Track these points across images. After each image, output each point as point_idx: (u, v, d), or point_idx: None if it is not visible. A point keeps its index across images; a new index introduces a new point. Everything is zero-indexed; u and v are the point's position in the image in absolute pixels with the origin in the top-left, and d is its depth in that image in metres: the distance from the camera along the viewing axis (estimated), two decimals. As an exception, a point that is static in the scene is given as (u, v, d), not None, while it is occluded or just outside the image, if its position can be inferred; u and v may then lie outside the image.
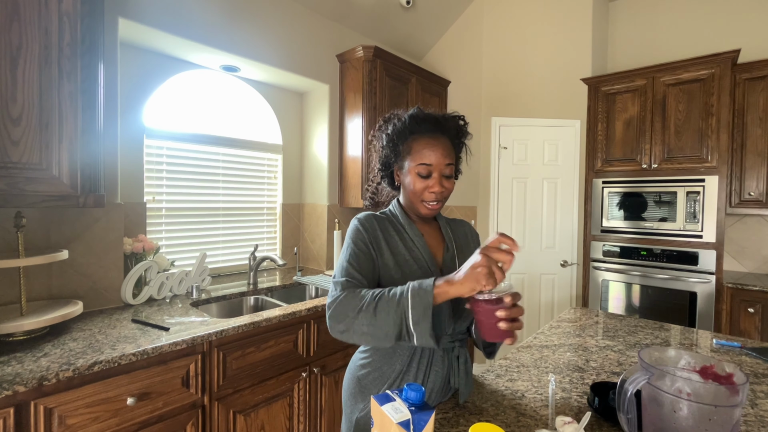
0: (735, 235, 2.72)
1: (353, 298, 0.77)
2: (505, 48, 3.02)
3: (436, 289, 0.71)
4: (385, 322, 0.73)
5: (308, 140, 2.79)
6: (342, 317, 0.77)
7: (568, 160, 2.90)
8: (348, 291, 0.79)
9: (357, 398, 0.93)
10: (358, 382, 0.93)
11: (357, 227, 0.91)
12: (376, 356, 0.91)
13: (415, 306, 0.71)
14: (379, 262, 0.88)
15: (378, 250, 0.89)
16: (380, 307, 0.73)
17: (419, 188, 0.90)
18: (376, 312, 0.73)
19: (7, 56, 1.17)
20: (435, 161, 0.88)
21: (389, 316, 0.72)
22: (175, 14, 1.89)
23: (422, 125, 0.92)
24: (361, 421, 0.91)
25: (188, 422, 1.36)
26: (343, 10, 2.63)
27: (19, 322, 1.24)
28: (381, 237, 0.90)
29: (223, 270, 2.39)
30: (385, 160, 0.98)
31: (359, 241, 0.88)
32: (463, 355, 0.92)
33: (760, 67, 2.38)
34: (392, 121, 0.96)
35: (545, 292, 2.96)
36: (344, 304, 0.78)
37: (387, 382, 0.89)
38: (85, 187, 1.34)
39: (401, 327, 0.73)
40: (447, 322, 0.88)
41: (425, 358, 0.89)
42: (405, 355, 0.88)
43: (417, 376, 0.88)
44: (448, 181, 0.91)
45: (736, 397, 0.62)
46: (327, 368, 1.84)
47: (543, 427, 0.81)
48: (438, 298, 0.71)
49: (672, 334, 1.43)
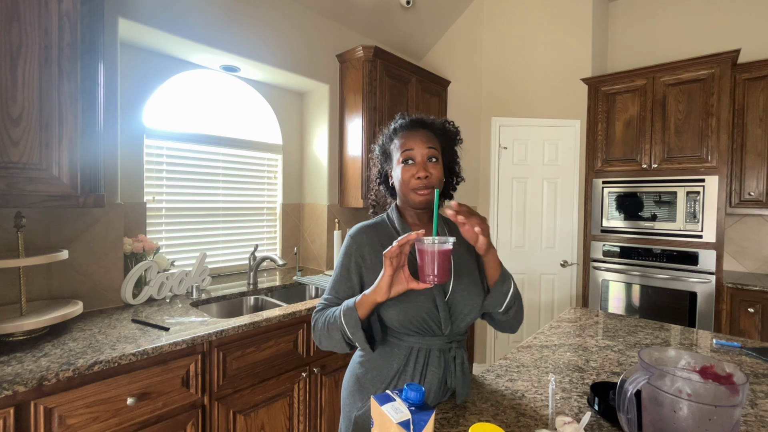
0: (735, 235, 2.72)
1: (319, 319, 0.95)
2: (505, 48, 3.02)
3: (358, 305, 0.85)
4: (335, 338, 0.89)
5: (308, 140, 2.79)
6: (315, 334, 0.96)
7: (568, 160, 2.90)
8: (319, 313, 0.96)
9: (356, 396, 0.95)
10: (357, 380, 0.96)
11: (344, 249, 1.00)
12: (374, 355, 0.94)
13: (347, 322, 0.86)
14: (366, 278, 0.96)
15: (366, 267, 0.96)
16: (330, 327, 0.90)
17: (406, 177, 0.94)
18: (329, 331, 0.90)
19: (7, 56, 1.17)
20: (416, 146, 0.94)
21: (336, 333, 0.89)
22: (175, 14, 1.89)
23: (404, 125, 1.00)
24: (360, 419, 0.93)
25: (188, 422, 1.36)
26: (343, 10, 2.63)
27: (19, 322, 1.24)
28: (370, 251, 0.96)
29: (223, 270, 2.39)
30: (380, 168, 1.07)
31: (343, 267, 0.98)
32: (459, 356, 0.93)
33: (760, 67, 2.38)
34: (383, 132, 1.06)
35: (545, 292, 2.96)
36: (315, 326, 0.96)
37: (385, 381, 0.92)
38: (85, 187, 1.34)
39: (345, 338, 0.88)
40: (444, 324, 0.90)
41: (422, 358, 0.91)
42: (402, 355, 0.91)
43: (414, 375, 0.90)
44: (433, 166, 0.94)
45: (736, 397, 0.62)
46: (327, 368, 1.84)
47: (543, 427, 0.81)
48: (361, 309, 0.84)
49: (672, 334, 1.43)
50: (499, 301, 0.90)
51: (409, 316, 0.88)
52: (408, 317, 0.88)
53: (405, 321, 0.88)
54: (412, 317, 0.88)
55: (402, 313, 0.88)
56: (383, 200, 1.12)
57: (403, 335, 0.91)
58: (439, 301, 0.90)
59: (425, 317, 0.89)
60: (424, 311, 0.88)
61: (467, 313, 0.91)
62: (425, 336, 0.91)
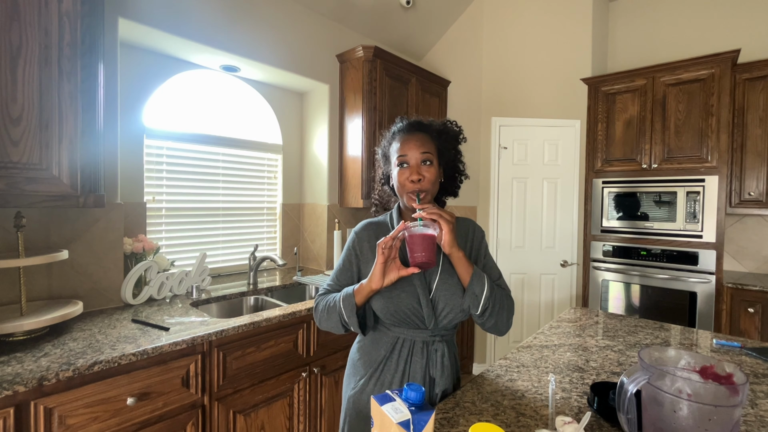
0: (735, 235, 2.72)
1: (321, 302, 1.06)
2: (505, 48, 3.02)
3: (356, 292, 0.96)
4: (333, 320, 1.01)
5: (308, 140, 2.79)
6: (315, 315, 1.07)
7: (568, 160, 2.90)
8: (321, 297, 1.07)
9: (351, 378, 1.07)
10: (352, 363, 1.09)
11: (349, 243, 1.09)
12: (366, 342, 1.07)
13: (345, 307, 0.97)
14: (363, 270, 1.06)
15: (363, 260, 1.06)
16: (330, 310, 1.01)
17: (402, 179, 1.00)
18: (328, 313, 1.02)
19: (7, 56, 1.17)
20: (410, 151, 0.99)
21: (335, 315, 1.00)
22: (175, 14, 1.89)
23: (402, 129, 1.05)
24: (352, 398, 1.04)
25: (188, 422, 1.36)
26: (343, 10, 2.63)
27: (19, 322, 1.24)
28: (368, 247, 1.06)
29: (223, 270, 2.39)
30: (383, 170, 1.13)
31: (345, 258, 1.08)
32: (441, 349, 1.00)
33: (760, 67, 2.38)
34: (384, 135, 1.11)
35: (545, 292, 2.96)
36: (317, 308, 1.07)
37: (373, 365, 1.02)
38: (85, 187, 1.34)
39: (342, 321, 0.99)
40: (427, 319, 0.97)
41: (406, 348, 1.00)
42: (389, 343, 1.01)
43: (398, 362, 1.00)
44: (426, 169, 0.99)
45: (736, 397, 0.62)
46: (327, 368, 1.84)
47: (543, 427, 0.81)
48: (358, 296, 0.95)
49: (672, 334, 1.43)
50: (474, 303, 0.94)
51: (392, 309, 0.96)
52: (391, 310, 0.97)
53: (388, 313, 0.97)
54: (394, 310, 0.96)
55: (386, 306, 0.97)
56: (387, 200, 1.19)
57: (391, 325, 1.01)
58: (422, 297, 0.97)
59: (407, 312, 0.96)
60: (406, 306, 0.96)
61: (450, 310, 0.97)
62: (410, 328, 0.99)
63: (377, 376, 1.00)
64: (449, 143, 1.07)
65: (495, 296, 0.95)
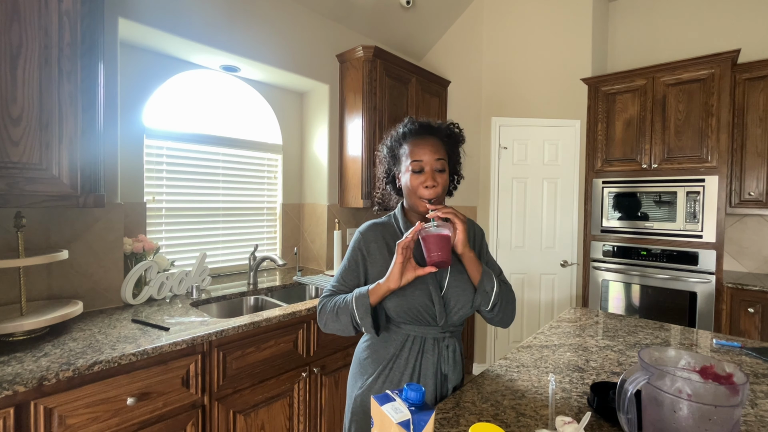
0: (735, 235, 2.72)
1: (327, 303, 1.04)
2: (505, 48, 3.02)
3: (371, 292, 0.95)
4: (343, 321, 0.99)
5: (308, 140, 2.79)
6: (321, 317, 1.05)
7: (568, 160, 2.90)
8: (327, 299, 1.05)
9: (357, 378, 1.06)
10: (359, 363, 1.07)
11: (354, 243, 1.08)
12: (374, 340, 1.05)
13: (358, 308, 0.96)
14: (370, 271, 1.05)
15: (371, 261, 1.05)
16: (339, 311, 0.99)
17: (415, 184, 1.00)
18: (337, 315, 1.00)
19: (7, 56, 1.17)
20: (425, 157, 1.00)
21: (345, 317, 0.98)
22: (175, 14, 1.89)
23: (414, 131, 1.05)
24: (359, 398, 1.03)
25: (188, 422, 1.36)
26: (343, 10, 2.63)
27: (19, 322, 1.24)
28: (375, 248, 1.05)
29: (223, 270, 2.39)
30: (387, 168, 1.13)
31: (351, 259, 1.07)
32: (452, 345, 1.02)
33: (760, 67, 2.38)
34: (390, 134, 1.11)
35: (545, 292, 2.96)
36: (323, 309, 1.04)
37: (382, 363, 1.02)
38: (85, 187, 1.34)
39: (353, 322, 0.97)
40: (439, 316, 0.98)
41: (417, 345, 1.00)
42: (399, 341, 1.01)
43: (409, 360, 1.00)
44: (440, 176, 1.01)
45: (736, 397, 0.62)
46: (327, 368, 1.84)
47: (543, 427, 0.81)
48: (373, 296, 0.95)
49: (672, 334, 1.43)
50: (485, 299, 0.99)
51: (405, 307, 0.97)
52: (404, 307, 0.97)
53: (401, 311, 0.97)
54: (407, 308, 0.97)
55: (400, 304, 0.97)
56: (389, 199, 1.20)
57: (401, 323, 1.01)
58: (434, 295, 0.98)
59: (420, 309, 0.97)
60: (419, 303, 0.97)
61: (461, 307, 0.99)
62: (421, 325, 1.00)
63: (386, 374, 1.01)
64: (455, 147, 1.10)
65: (502, 292, 1.01)
